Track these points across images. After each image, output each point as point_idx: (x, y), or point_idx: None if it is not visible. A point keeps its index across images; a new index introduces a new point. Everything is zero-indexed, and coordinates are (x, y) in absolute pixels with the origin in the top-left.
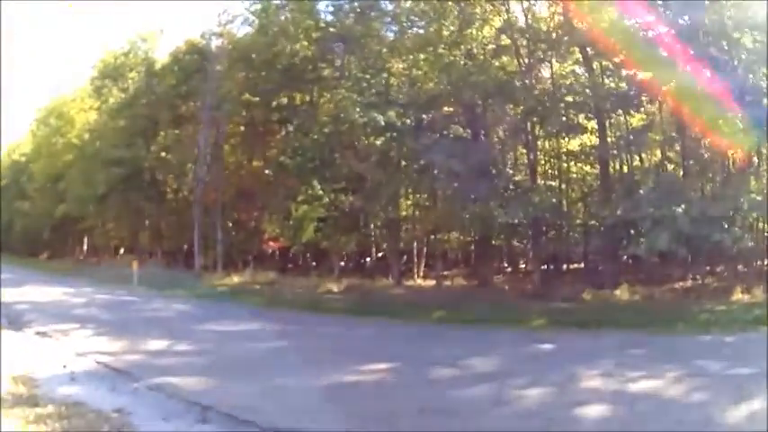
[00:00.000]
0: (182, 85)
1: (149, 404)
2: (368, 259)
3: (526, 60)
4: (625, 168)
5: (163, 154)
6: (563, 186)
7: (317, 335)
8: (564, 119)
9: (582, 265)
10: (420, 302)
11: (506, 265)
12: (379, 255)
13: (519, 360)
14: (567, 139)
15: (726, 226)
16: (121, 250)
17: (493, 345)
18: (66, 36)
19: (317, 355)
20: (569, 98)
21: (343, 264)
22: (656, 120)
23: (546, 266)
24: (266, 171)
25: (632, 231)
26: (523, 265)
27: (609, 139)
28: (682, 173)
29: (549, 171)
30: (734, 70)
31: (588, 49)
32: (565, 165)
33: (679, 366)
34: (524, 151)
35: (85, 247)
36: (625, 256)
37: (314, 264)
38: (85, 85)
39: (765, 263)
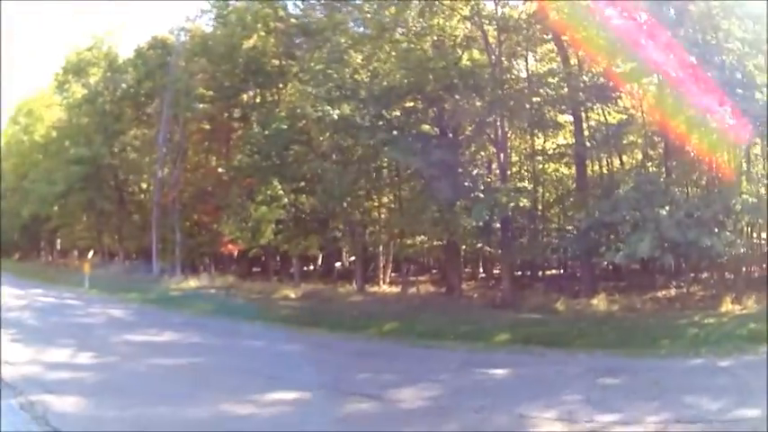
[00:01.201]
0: (145, 81)
1: (9, 423)
2: (338, 264)
3: (496, 51)
4: (604, 169)
5: (125, 152)
6: (538, 188)
7: (242, 350)
8: (536, 114)
9: (559, 271)
10: (377, 312)
11: (481, 270)
12: (351, 259)
13: (459, 392)
14: (542, 137)
15: (716, 230)
16: (90, 252)
17: (437, 368)
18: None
19: (223, 378)
20: (542, 91)
21: (311, 268)
22: (636, 116)
23: (521, 273)
24: (225, 170)
25: (612, 236)
26: (498, 272)
27: (586, 136)
28: (665, 173)
29: (524, 171)
30: (723, 62)
31: (564, 39)
32: (540, 165)
33: (663, 406)
34: (494, 150)
35: (58, 248)
36: (605, 262)
37: (277, 268)
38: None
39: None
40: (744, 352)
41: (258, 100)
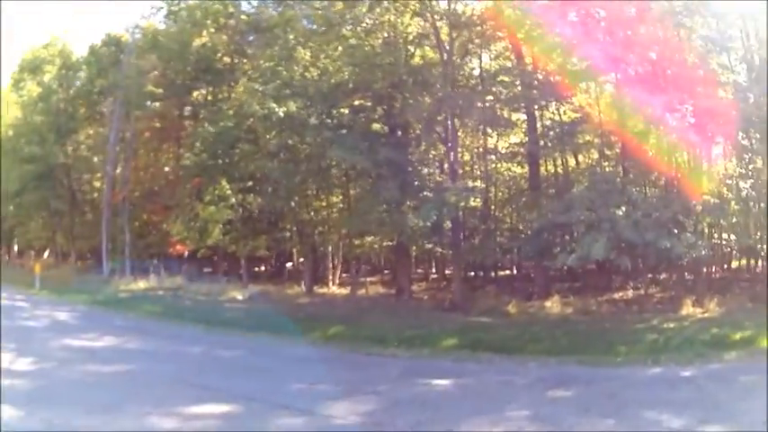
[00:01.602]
0: (98, 79)
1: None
2: (289, 264)
3: (448, 48)
4: (559, 169)
5: (78, 150)
6: (490, 187)
7: (180, 357)
8: (488, 112)
9: (512, 272)
10: (323, 315)
11: (433, 271)
12: (303, 260)
13: (396, 405)
14: (495, 136)
15: (676, 231)
16: (46, 251)
17: (377, 377)
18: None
19: (154, 387)
20: (495, 89)
21: (263, 269)
22: (592, 115)
23: (474, 274)
24: (174, 169)
25: (566, 237)
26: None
27: (539, 135)
28: (622, 172)
29: (476, 171)
30: (684, 60)
31: (519, 36)
32: (493, 164)
33: (620, 423)
34: (445, 148)
35: (16, 248)
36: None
37: (227, 269)
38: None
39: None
40: (707, 359)
41: (210, 98)
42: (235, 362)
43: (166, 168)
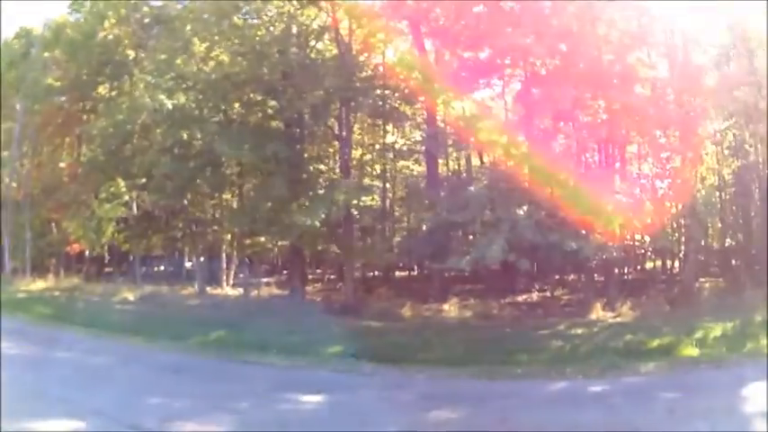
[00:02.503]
0: (8, 72)
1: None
2: (188, 264)
3: (346, 40)
4: (463, 167)
5: None
6: (387, 185)
7: (48, 364)
8: (384, 106)
9: (410, 273)
10: (209, 318)
11: (330, 272)
12: (202, 259)
13: (252, 426)
14: (395, 132)
15: (584, 232)
16: None
17: (244, 391)
18: None
19: (8, 400)
20: (392, 83)
21: (162, 268)
22: (496, 110)
23: (372, 274)
24: (73, 165)
25: (469, 237)
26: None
27: (439, 131)
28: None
29: (376, 168)
30: (599, 53)
31: (423, 29)
32: (392, 162)
33: None
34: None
35: None
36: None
37: (126, 268)
38: None
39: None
40: (620, 371)
41: (114, 93)
42: (101, 371)
43: (62, 164)
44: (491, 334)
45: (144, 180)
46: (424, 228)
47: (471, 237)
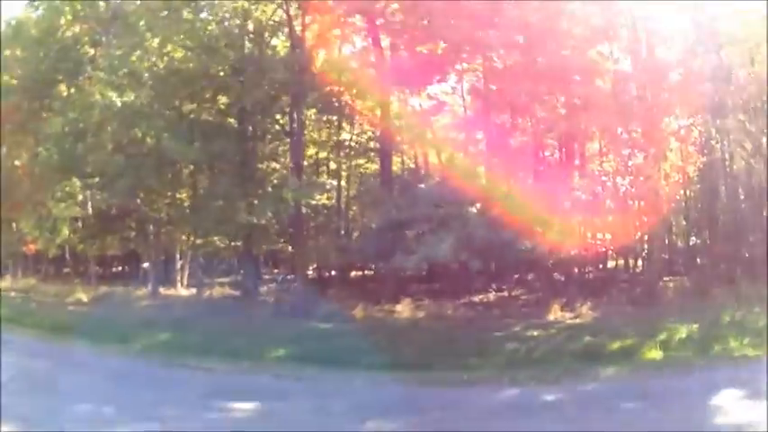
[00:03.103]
0: None
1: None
2: (145, 264)
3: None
4: (421, 165)
5: None
6: (341, 183)
7: None
8: (336, 102)
9: (364, 273)
10: (158, 319)
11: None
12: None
13: None
14: (350, 130)
15: (539, 230)
16: None
17: (176, 398)
18: None
19: None
20: (344, 78)
21: (120, 269)
22: (453, 105)
23: (329, 274)
24: (29, 164)
25: (422, 235)
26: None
27: (394, 128)
28: (484, 168)
29: (330, 166)
30: (559, 46)
31: (377, 21)
32: (346, 160)
33: None
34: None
35: None
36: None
37: (82, 269)
38: None
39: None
40: (578, 377)
41: (72, 90)
42: (38, 375)
43: (17, 162)
44: (442, 336)
45: (98, 179)
46: (374, 226)
47: (414, 236)
